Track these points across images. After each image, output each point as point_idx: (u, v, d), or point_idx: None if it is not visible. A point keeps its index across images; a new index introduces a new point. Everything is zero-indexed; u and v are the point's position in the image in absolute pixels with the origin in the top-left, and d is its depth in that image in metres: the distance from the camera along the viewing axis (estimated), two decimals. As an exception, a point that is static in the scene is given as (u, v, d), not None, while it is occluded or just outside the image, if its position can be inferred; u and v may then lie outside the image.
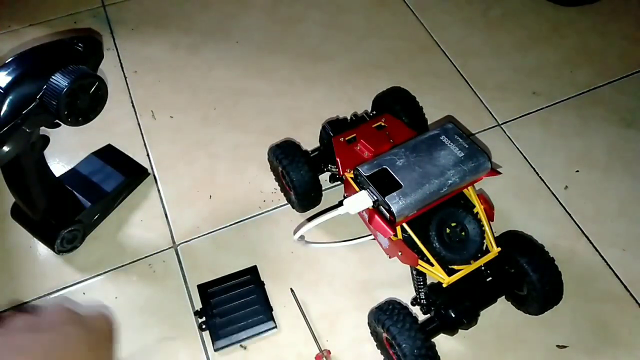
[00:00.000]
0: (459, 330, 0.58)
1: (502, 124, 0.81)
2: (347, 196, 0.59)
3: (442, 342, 0.59)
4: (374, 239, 0.63)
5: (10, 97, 0.51)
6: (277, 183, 0.75)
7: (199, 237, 0.71)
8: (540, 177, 0.76)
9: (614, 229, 0.71)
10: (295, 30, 0.94)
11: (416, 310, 0.62)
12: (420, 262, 0.56)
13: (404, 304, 0.58)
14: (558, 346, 0.61)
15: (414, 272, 0.60)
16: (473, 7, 0.97)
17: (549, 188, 0.75)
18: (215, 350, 0.62)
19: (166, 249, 0.70)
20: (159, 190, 0.76)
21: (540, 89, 0.85)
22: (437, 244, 0.56)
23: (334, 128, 0.68)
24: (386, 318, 0.55)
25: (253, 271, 0.67)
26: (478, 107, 0.83)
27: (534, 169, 0.76)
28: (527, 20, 0.94)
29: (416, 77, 0.86)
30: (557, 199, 0.74)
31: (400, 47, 0.91)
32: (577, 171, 0.76)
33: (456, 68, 0.88)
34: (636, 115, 0.82)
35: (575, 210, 0.72)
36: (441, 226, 0.57)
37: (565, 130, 0.80)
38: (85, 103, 0.55)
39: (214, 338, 0.62)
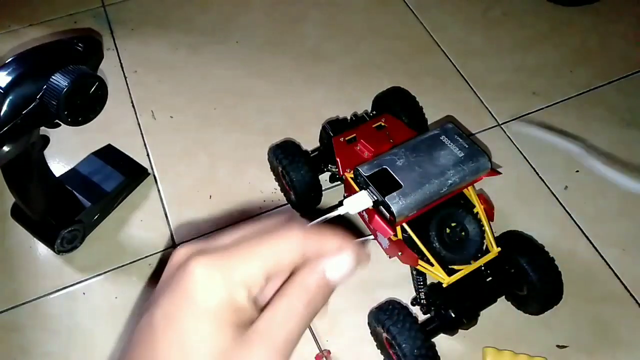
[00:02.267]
0: (459, 330, 0.58)
1: (502, 124, 0.81)
2: (347, 196, 0.59)
3: (442, 342, 0.59)
4: (374, 239, 0.63)
5: (10, 97, 0.51)
6: (277, 183, 0.74)
7: (199, 237, 0.71)
8: (540, 177, 0.76)
9: (614, 229, 0.71)
10: (295, 30, 0.94)
11: (416, 310, 0.62)
12: (420, 262, 0.56)
13: (404, 304, 0.58)
14: (558, 346, 0.61)
15: (414, 272, 0.60)
16: (473, 7, 0.96)
17: (549, 188, 0.75)
18: (215, 350, 0.62)
19: (166, 249, 0.70)
20: (159, 190, 0.76)
21: (540, 89, 0.85)
22: (437, 244, 0.56)
23: (334, 128, 0.68)
24: (386, 318, 0.55)
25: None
26: (478, 107, 0.83)
27: (534, 169, 0.76)
28: (527, 20, 0.94)
29: (416, 77, 0.86)
30: (557, 199, 0.73)
31: (400, 47, 0.91)
32: (577, 171, 0.76)
33: (456, 68, 0.88)
34: (636, 115, 0.82)
35: (575, 210, 0.72)
36: (441, 226, 0.57)
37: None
38: (85, 103, 0.55)
39: (214, 338, 0.62)
